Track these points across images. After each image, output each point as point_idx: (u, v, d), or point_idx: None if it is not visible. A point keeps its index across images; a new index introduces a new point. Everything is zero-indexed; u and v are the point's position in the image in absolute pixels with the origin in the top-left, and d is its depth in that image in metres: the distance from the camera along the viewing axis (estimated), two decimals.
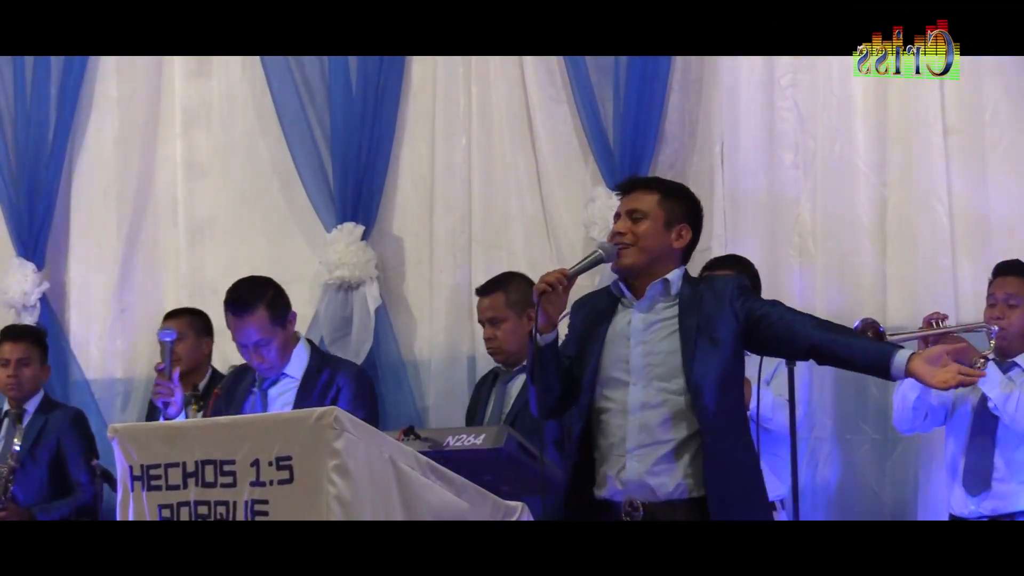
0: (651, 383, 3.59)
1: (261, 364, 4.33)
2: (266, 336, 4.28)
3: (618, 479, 3.59)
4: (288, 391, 4.34)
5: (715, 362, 3.56)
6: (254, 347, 4.29)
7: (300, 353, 4.37)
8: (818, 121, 5.12)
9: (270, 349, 4.28)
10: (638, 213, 3.65)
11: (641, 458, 3.57)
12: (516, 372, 4.76)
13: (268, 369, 4.34)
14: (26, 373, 5.55)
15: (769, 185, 5.21)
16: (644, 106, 5.27)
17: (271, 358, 4.30)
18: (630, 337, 3.64)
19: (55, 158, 6.23)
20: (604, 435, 3.64)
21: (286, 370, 4.36)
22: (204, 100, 6.12)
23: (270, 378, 4.44)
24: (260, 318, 4.27)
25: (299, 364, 4.36)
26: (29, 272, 6.17)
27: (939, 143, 4.97)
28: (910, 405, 4.42)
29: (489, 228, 5.63)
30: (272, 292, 4.35)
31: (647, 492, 3.57)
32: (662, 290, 3.66)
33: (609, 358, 3.64)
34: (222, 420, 3.73)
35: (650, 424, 3.58)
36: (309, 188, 5.87)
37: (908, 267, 4.98)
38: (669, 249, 3.67)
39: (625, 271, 3.66)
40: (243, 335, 4.29)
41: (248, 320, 4.26)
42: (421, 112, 5.76)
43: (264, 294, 4.32)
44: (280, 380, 4.37)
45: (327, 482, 3.17)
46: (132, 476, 3.47)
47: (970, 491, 4.40)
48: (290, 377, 4.35)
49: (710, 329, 3.57)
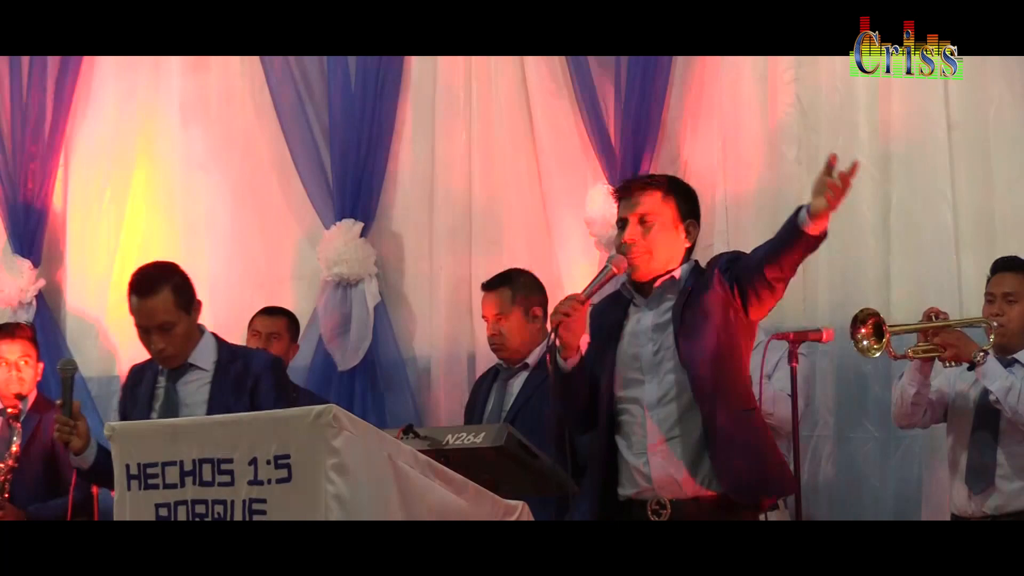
0: (665, 377, 3.62)
1: (161, 351, 4.19)
2: (169, 319, 4.16)
3: (642, 477, 3.62)
4: (199, 383, 4.21)
5: (704, 333, 3.58)
6: (156, 329, 4.17)
7: (207, 344, 4.25)
8: (820, 116, 5.11)
9: (172, 334, 4.17)
10: (647, 218, 3.67)
11: (664, 454, 3.61)
12: (517, 369, 4.75)
13: (167, 358, 4.20)
14: (26, 372, 5.53)
15: (771, 181, 5.19)
16: (645, 101, 5.25)
17: (172, 344, 4.18)
18: (640, 335, 3.66)
19: (51, 153, 6.22)
20: (625, 435, 3.68)
21: (194, 361, 4.23)
22: (202, 95, 6.11)
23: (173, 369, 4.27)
24: (165, 299, 4.16)
25: (207, 355, 4.23)
26: (25, 269, 6.16)
27: (943, 138, 4.96)
28: (909, 400, 4.40)
29: (489, 224, 5.62)
30: (179, 277, 4.25)
31: (674, 489, 3.59)
32: (670, 286, 3.67)
33: (623, 359, 3.68)
34: (220, 418, 3.69)
35: (669, 418, 3.61)
36: (307, 184, 5.86)
37: (912, 263, 4.97)
38: (680, 248, 3.71)
39: (640, 280, 3.69)
40: (146, 316, 4.17)
41: (152, 300, 4.15)
42: (421, 107, 5.75)
43: (170, 277, 4.23)
44: (187, 372, 4.23)
45: (325, 481, 3.14)
46: (129, 475, 3.44)
47: (973, 489, 4.38)
48: (200, 369, 4.22)
49: (698, 304, 3.60)
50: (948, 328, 4.30)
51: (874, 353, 4.28)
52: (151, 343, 4.20)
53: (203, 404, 4.17)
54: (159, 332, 4.17)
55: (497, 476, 3.89)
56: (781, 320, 4.96)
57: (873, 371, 4.87)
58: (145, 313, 4.18)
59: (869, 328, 4.26)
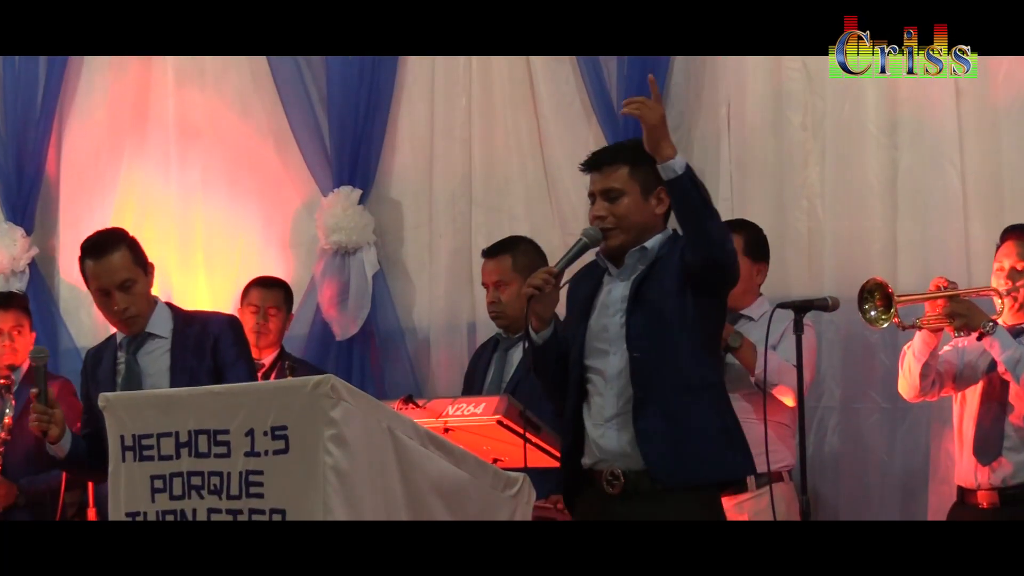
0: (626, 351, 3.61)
1: (125, 311, 4.16)
2: (130, 276, 4.16)
3: (600, 448, 3.63)
4: (160, 351, 4.21)
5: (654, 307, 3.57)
6: (117, 289, 4.15)
7: (162, 312, 4.26)
8: (827, 81, 5.04)
9: (134, 293, 4.16)
10: (613, 192, 3.66)
11: (622, 426, 3.60)
12: (517, 339, 4.71)
13: (130, 319, 4.18)
14: (19, 342, 5.48)
15: (777, 147, 5.14)
16: (648, 66, 5.17)
17: (135, 304, 4.16)
18: (609, 307, 3.67)
19: (44, 119, 6.17)
20: (588, 405, 3.68)
21: (151, 329, 4.22)
22: (197, 60, 6.05)
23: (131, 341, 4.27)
24: (123, 256, 4.17)
25: (164, 322, 4.23)
26: (18, 237, 6.12)
27: (951, 104, 4.90)
28: (917, 372, 4.36)
29: (490, 191, 5.59)
30: (130, 239, 4.27)
31: (627, 461, 3.59)
32: (641, 256, 3.67)
33: (593, 330, 3.68)
34: (216, 389, 3.67)
35: (627, 390, 3.60)
36: (305, 150, 5.83)
37: (919, 231, 4.92)
38: (652, 217, 3.67)
39: (614, 252, 3.68)
40: (106, 275, 4.16)
41: (110, 259, 4.15)
42: (420, 72, 5.71)
43: (123, 237, 4.26)
44: (146, 342, 4.22)
45: (323, 452, 3.11)
46: (124, 446, 3.43)
47: (980, 460, 4.35)
48: (158, 337, 4.21)
49: (659, 278, 3.59)
50: (957, 298, 4.24)
51: (882, 324, 4.23)
52: (114, 304, 4.19)
53: (165, 372, 4.16)
54: (120, 291, 4.16)
55: (498, 447, 3.87)
56: (787, 289, 4.91)
57: (880, 341, 4.82)
58: (105, 273, 4.17)
59: (877, 298, 4.21)
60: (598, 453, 3.64)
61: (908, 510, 4.83)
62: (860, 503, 4.90)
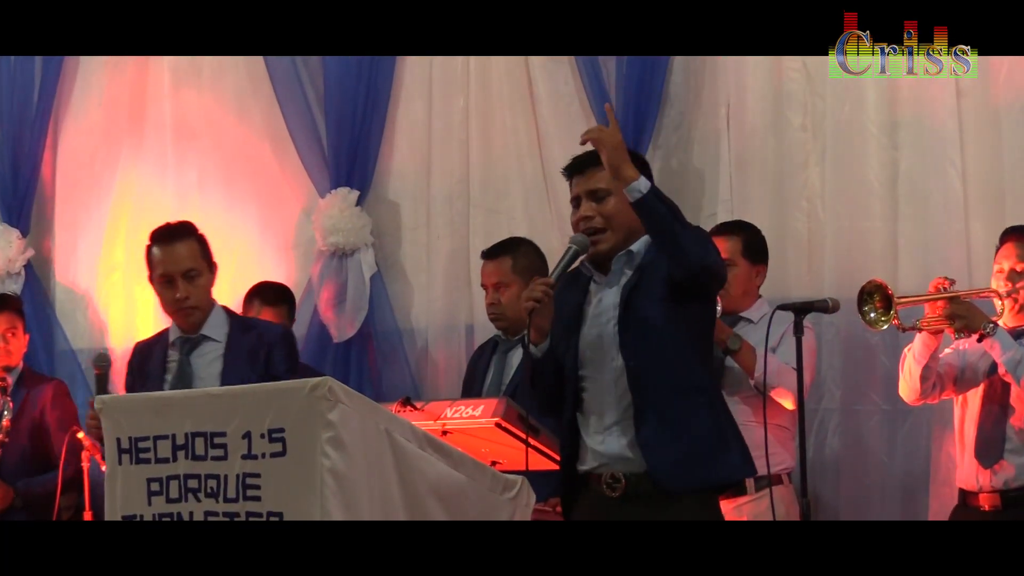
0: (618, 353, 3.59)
1: (185, 300, 4.13)
2: (196, 267, 4.15)
3: (599, 453, 3.62)
4: (212, 354, 4.19)
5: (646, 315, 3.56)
6: (182, 277, 4.14)
7: (219, 315, 4.24)
8: (827, 81, 5.02)
9: (197, 284, 4.15)
10: (600, 192, 3.65)
11: (622, 432, 3.59)
12: (516, 341, 4.71)
13: (189, 311, 4.15)
14: (13, 344, 5.46)
15: (777, 148, 5.12)
16: (648, 66, 5.18)
17: (196, 295, 4.14)
18: (602, 315, 3.65)
19: (40, 121, 6.16)
20: (585, 412, 3.67)
21: (207, 332, 4.20)
22: (193, 59, 6.03)
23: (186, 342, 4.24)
24: (191, 247, 4.18)
25: (220, 326, 4.21)
26: (14, 239, 6.10)
27: (952, 104, 4.88)
28: (917, 374, 4.34)
29: (488, 192, 5.58)
30: (199, 232, 4.27)
31: (630, 465, 3.58)
32: (627, 261, 3.66)
33: (587, 339, 3.67)
34: (213, 391, 3.67)
35: (626, 397, 3.59)
36: (302, 151, 5.81)
37: (920, 232, 4.90)
38: (637, 219, 3.64)
39: (603, 257, 3.66)
40: (172, 262, 4.15)
41: (179, 247, 4.16)
42: (418, 72, 5.70)
43: (194, 230, 4.26)
44: (201, 344, 4.20)
45: (321, 455, 3.10)
46: (120, 449, 3.42)
47: (982, 462, 4.33)
48: (213, 340, 4.19)
49: (648, 284, 3.58)
50: (957, 299, 4.22)
51: (882, 325, 4.21)
52: (175, 292, 4.15)
53: (217, 377, 4.14)
54: (184, 280, 4.15)
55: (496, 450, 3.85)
56: (786, 291, 4.89)
57: (881, 343, 4.81)
58: (171, 259, 4.16)
59: (877, 300, 4.19)
60: (597, 458, 3.63)
61: (909, 512, 4.81)
62: (860, 505, 4.89)
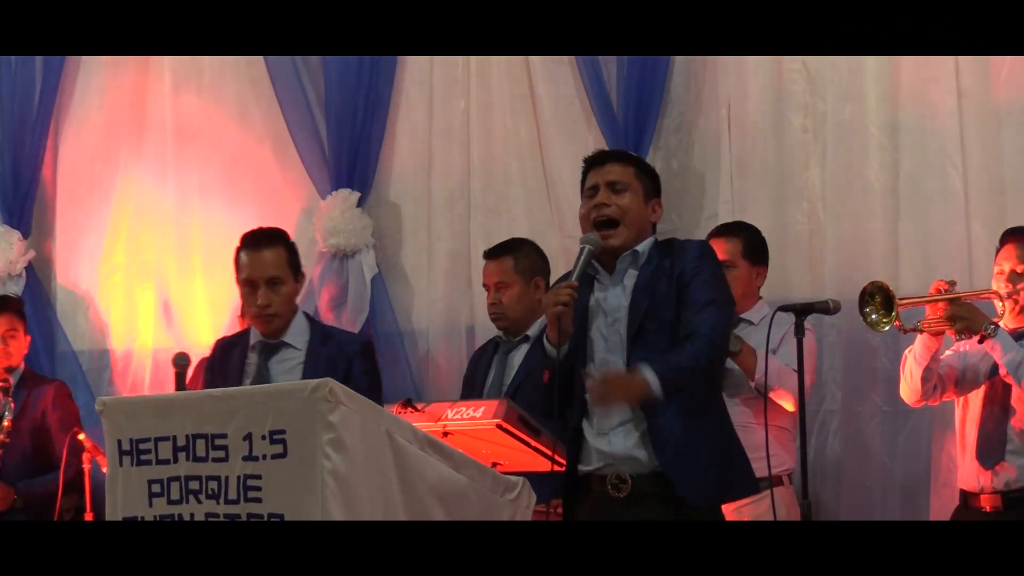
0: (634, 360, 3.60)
1: (266, 308, 4.16)
2: (280, 274, 4.18)
3: (603, 455, 3.63)
4: (291, 362, 4.22)
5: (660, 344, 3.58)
6: (266, 283, 4.17)
7: (300, 323, 4.26)
8: (828, 82, 5.03)
9: (280, 292, 4.17)
10: (620, 184, 3.67)
11: (627, 432, 3.61)
12: (518, 341, 4.70)
13: (269, 318, 4.18)
14: (13, 345, 5.45)
15: (777, 148, 5.12)
16: (648, 67, 5.18)
17: (277, 302, 4.17)
18: (608, 315, 3.67)
19: (41, 123, 6.15)
20: (590, 412, 3.68)
21: (288, 339, 4.22)
22: (194, 61, 6.03)
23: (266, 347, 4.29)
24: (278, 254, 4.20)
25: (301, 335, 4.24)
26: (15, 240, 6.09)
27: (952, 105, 4.88)
28: (918, 376, 4.33)
29: (489, 193, 5.57)
30: (291, 242, 4.33)
31: (636, 465, 3.60)
32: (632, 261, 3.68)
33: (594, 340, 3.68)
34: (214, 392, 3.64)
35: None
36: (303, 153, 5.81)
37: (921, 233, 4.90)
38: (647, 222, 3.71)
39: (615, 252, 3.67)
40: (257, 267, 4.18)
41: (266, 253, 4.19)
42: (418, 74, 5.70)
43: (285, 238, 4.30)
44: (280, 350, 4.23)
45: (322, 456, 3.09)
46: (121, 450, 3.40)
47: (983, 464, 4.32)
48: (292, 348, 4.22)
49: (658, 308, 3.60)
50: (958, 301, 4.22)
51: (883, 327, 4.20)
52: (257, 298, 4.17)
53: None
54: (267, 286, 4.17)
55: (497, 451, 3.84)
56: (787, 292, 4.89)
57: (882, 344, 4.81)
58: (257, 265, 4.18)
59: (878, 302, 4.18)
60: (603, 458, 3.64)
61: (909, 514, 4.81)
62: (861, 507, 4.88)
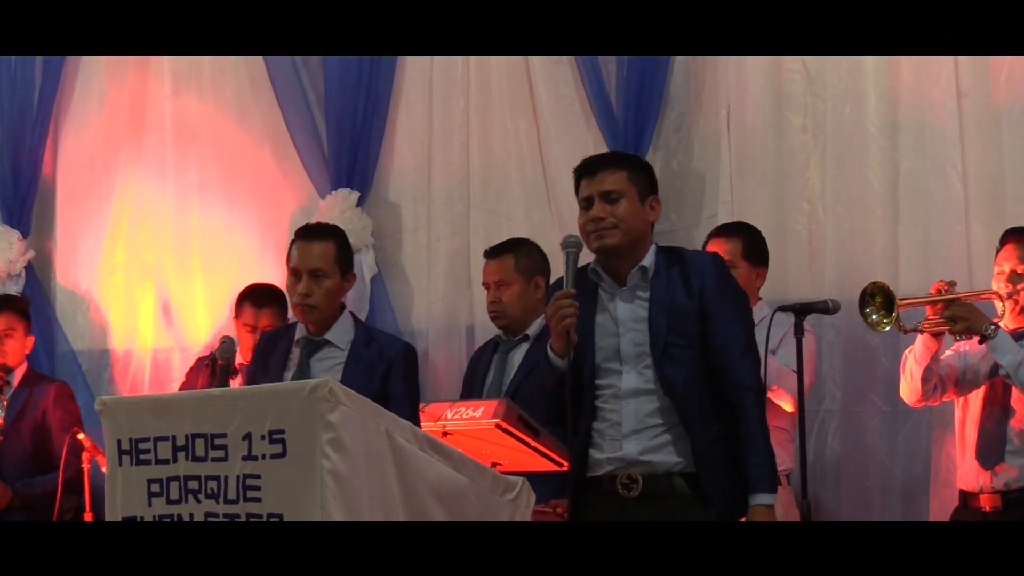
0: (644, 370, 3.62)
1: (305, 297, 4.16)
2: (324, 267, 4.17)
3: (616, 458, 3.62)
4: (333, 360, 4.19)
5: (687, 357, 3.58)
6: (308, 274, 4.17)
7: (345, 323, 4.24)
8: (827, 82, 5.03)
9: (321, 284, 4.17)
10: (614, 193, 3.65)
11: (639, 440, 3.61)
12: (517, 341, 4.70)
13: (307, 309, 4.17)
14: (9, 344, 5.44)
15: (777, 149, 5.12)
16: (648, 67, 5.18)
17: (317, 295, 4.16)
18: (619, 326, 3.65)
19: (41, 123, 6.14)
20: (600, 420, 3.67)
21: (331, 338, 4.21)
22: (194, 61, 6.02)
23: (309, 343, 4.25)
24: (326, 247, 4.20)
25: (344, 334, 4.22)
26: (14, 240, 6.09)
27: (952, 106, 4.89)
28: (918, 376, 4.33)
29: (488, 194, 5.57)
30: (345, 240, 4.33)
31: (647, 467, 3.60)
32: (641, 276, 3.67)
33: (601, 348, 3.66)
34: (214, 392, 3.65)
35: (644, 409, 3.61)
36: (302, 153, 5.80)
37: (920, 234, 4.90)
38: (646, 224, 3.69)
39: (608, 252, 3.66)
40: (303, 258, 4.19)
41: (315, 244, 4.20)
42: (418, 74, 5.69)
43: (338, 234, 4.31)
44: (323, 348, 4.21)
45: (321, 456, 3.09)
46: (120, 450, 3.40)
47: (983, 464, 4.32)
48: (335, 347, 4.20)
49: (680, 325, 3.59)
50: (958, 301, 4.21)
51: (884, 327, 4.20)
52: (297, 288, 4.18)
53: None
54: (310, 277, 4.17)
55: (497, 451, 3.84)
56: (787, 292, 4.89)
57: (882, 344, 4.81)
58: (303, 255, 4.20)
59: (878, 302, 4.18)
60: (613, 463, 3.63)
61: (909, 514, 4.81)
62: (861, 507, 4.88)
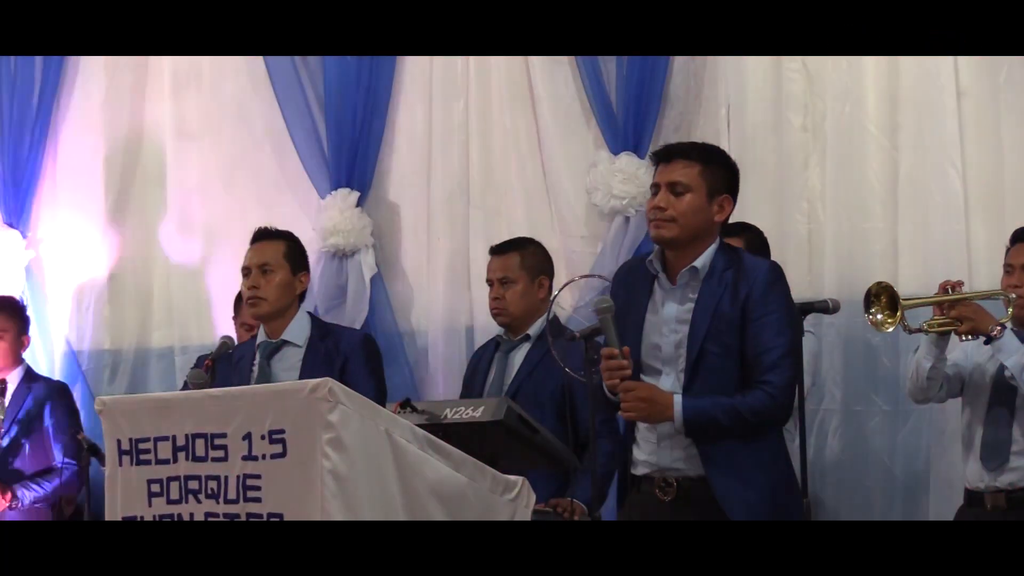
0: (682, 373, 3.61)
1: (254, 291, 4.30)
2: (272, 262, 4.33)
3: (651, 462, 3.64)
4: (291, 359, 4.31)
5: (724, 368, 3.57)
6: (257, 269, 4.32)
7: (301, 321, 4.37)
8: (827, 82, 5.02)
9: (269, 279, 4.31)
10: (680, 187, 3.60)
11: (672, 446, 3.61)
12: (518, 341, 4.68)
13: (257, 302, 4.31)
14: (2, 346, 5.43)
15: (777, 148, 5.11)
16: (648, 67, 5.17)
17: (265, 289, 4.29)
18: (662, 325, 3.64)
19: (41, 123, 6.14)
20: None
21: (288, 337, 4.32)
22: (193, 61, 6.02)
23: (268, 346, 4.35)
24: (276, 247, 4.37)
25: (301, 332, 4.35)
26: (15, 240, 6.07)
27: (952, 105, 4.87)
28: (924, 375, 4.31)
29: (488, 194, 5.56)
30: (297, 243, 4.49)
31: (681, 470, 3.61)
32: (691, 276, 3.63)
33: (645, 344, 3.65)
34: (214, 392, 3.64)
35: None
36: (302, 152, 5.80)
37: (920, 233, 4.89)
38: (710, 222, 3.63)
39: (663, 243, 3.63)
40: (254, 256, 4.36)
41: (264, 244, 4.37)
42: (418, 74, 5.69)
43: (288, 236, 4.47)
44: (281, 349, 4.33)
45: (321, 456, 3.08)
46: (120, 450, 3.39)
47: (987, 465, 4.30)
48: (293, 346, 4.32)
49: (720, 333, 3.57)
50: (964, 301, 4.20)
51: (888, 327, 4.18)
52: (248, 282, 4.32)
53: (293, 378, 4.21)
54: (258, 272, 4.31)
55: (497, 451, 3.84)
56: None
57: (882, 343, 4.80)
58: (254, 253, 4.37)
59: (883, 302, 4.16)
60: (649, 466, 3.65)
61: (909, 514, 4.80)
62: (861, 507, 4.87)
